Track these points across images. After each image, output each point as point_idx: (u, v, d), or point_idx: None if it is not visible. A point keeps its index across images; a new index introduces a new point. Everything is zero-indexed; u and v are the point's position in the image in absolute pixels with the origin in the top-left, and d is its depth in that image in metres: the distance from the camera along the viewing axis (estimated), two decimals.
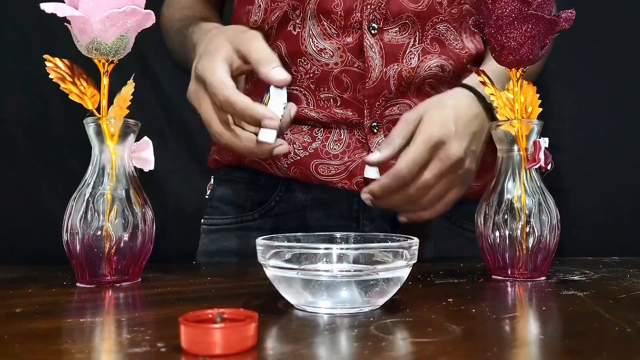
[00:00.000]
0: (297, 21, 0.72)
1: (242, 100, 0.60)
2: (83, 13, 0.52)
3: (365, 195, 0.67)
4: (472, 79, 0.71)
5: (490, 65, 0.67)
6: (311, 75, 0.73)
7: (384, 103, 0.73)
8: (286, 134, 0.76)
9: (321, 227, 0.77)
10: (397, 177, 0.64)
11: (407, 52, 0.72)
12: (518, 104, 0.58)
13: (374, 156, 0.66)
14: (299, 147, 0.76)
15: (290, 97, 0.70)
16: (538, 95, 0.59)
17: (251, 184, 0.82)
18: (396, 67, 0.72)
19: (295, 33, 0.73)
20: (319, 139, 0.75)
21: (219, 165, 0.85)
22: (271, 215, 0.80)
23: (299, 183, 0.78)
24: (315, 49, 0.72)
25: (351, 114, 0.73)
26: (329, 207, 0.78)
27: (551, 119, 0.66)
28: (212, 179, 0.87)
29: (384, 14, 0.71)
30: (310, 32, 0.72)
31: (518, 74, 0.58)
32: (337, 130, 0.75)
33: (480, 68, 0.62)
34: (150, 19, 0.55)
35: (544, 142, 0.58)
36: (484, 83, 0.59)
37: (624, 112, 1.10)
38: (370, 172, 0.74)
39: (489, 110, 0.69)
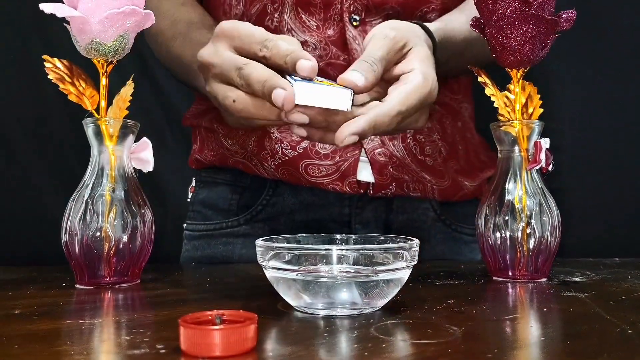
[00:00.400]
0: (275, 15, 0.70)
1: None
2: (82, 13, 0.52)
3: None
4: (432, 24, 0.63)
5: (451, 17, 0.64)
6: None
7: None
8: (272, 133, 0.72)
9: (311, 232, 0.74)
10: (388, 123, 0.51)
11: None
12: (519, 104, 0.58)
13: (360, 80, 0.50)
14: (287, 146, 0.71)
15: None
16: (539, 95, 0.59)
17: (235, 186, 0.78)
18: None
19: (272, 27, 0.70)
20: None
21: (200, 165, 0.81)
22: (257, 220, 0.77)
23: (287, 185, 0.75)
24: None
25: None
26: (319, 211, 0.75)
27: (551, 119, 0.65)
28: (193, 181, 0.83)
29: (365, 4, 0.69)
30: (289, 25, 0.70)
31: (519, 75, 0.58)
32: None
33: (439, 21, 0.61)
34: (149, 19, 0.55)
35: (545, 142, 0.57)
36: (484, 84, 0.59)
37: (624, 112, 1.09)
38: (364, 174, 0.72)
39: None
